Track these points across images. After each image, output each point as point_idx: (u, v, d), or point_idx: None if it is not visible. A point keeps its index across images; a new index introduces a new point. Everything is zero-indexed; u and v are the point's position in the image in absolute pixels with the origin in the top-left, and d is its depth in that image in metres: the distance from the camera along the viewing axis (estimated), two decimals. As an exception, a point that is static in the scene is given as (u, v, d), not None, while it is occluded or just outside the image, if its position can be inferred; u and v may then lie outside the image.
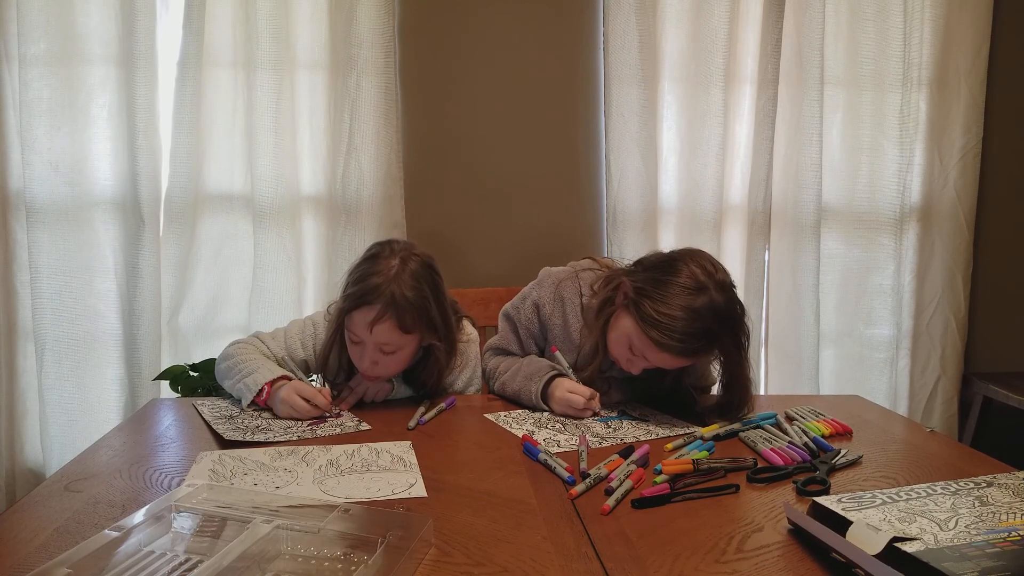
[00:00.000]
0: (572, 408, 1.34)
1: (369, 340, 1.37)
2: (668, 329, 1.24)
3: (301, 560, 0.79)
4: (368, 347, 1.38)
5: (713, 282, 1.27)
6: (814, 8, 2.18)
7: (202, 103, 2.05)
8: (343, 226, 2.15)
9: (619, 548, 0.83)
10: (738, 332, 1.31)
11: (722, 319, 1.27)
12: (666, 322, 1.24)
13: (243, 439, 1.17)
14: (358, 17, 2.08)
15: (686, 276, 1.27)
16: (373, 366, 1.40)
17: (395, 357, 1.40)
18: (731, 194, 2.28)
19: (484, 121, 2.26)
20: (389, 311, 1.35)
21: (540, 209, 2.30)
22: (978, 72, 2.28)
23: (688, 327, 1.24)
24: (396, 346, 1.38)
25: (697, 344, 1.26)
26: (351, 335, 1.40)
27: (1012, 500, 0.87)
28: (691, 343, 1.25)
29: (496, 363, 1.54)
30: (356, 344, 1.40)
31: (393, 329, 1.36)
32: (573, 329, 1.48)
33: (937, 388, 2.37)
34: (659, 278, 1.29)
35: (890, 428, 1.32)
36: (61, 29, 1.97)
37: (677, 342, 1.24)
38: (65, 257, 2.02)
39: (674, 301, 1.25)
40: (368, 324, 1.35)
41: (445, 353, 1.46)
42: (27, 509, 0.90)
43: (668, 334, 1.24)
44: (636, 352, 1.32)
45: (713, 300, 1.25)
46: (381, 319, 1.34)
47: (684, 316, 1.24)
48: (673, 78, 2.22)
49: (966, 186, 2.31)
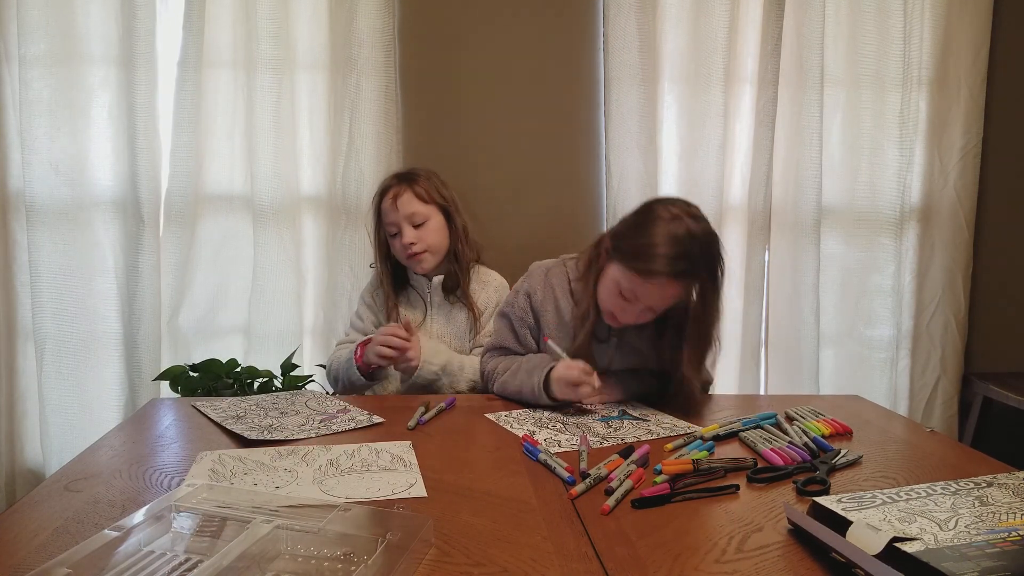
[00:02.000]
0: (571, 382, 1.33)
1: (399, 218, 1.67)
2: (650, 256, 1.31)
3: (301, 560, 0.78)
4: (402, 225, 1.67)
5: (688, 213, 1.35)
6: (814, 8, 2.18)
7: (202, 103, 2.05)
8: (343, 226, 2.15)
9: (619, 548, 0.83)
10: (716, 263, 1.36)
11: (701, 244, 1.33)
12: (648, 250, 1.31)
13: (261, 438, 1.17)
14: (358, 17, 2.08)
15: (661, 212, 1.35)
16: (412, 245, 1.66)
17: (428, 228, 1.68)
18: (731, 194, 2.28)
19: (484, 121, 2.26)
20: (403, 182, 1.71)
21: (540, 209, 2.30)
22: (978, 72, 2.28)
23: (669, 251, 1.30)
24: (423, 216, 1.68)
25: (681, 265, 1.31)
26: (387, 228, 1.70)
27: (1012, 500, 0.87)
28: (675, 265, 1.30)
29: (495, 364, 1.54)
30: (394, 237, 1.70)
31: (412, 198, 1.68)
32: (565, 313, 1.50)
33: (937, 388, 2.37)
34: (636, 222, 1.39)
35: (890, 428, 1.32)
36: (61, 29, 1.97)
37: (661, 265, 1.30)
38: (65, 257, 2.02)
39: (653, 231, 1.33)
40: (391, 200, 1.68)
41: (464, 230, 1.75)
42: (27, 509, 0.90)
43: (651, 260, 1.31)
44: (626, 295, 1.36)
45: (690, 227, 1.33)
46: (400, 193, 1.68)
47: (664, 241, 1.31)
48: (673, 78, 2.22)
49: (966, 186, 2.31)
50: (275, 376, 1.97)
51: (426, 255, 1.69)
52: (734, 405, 1.47)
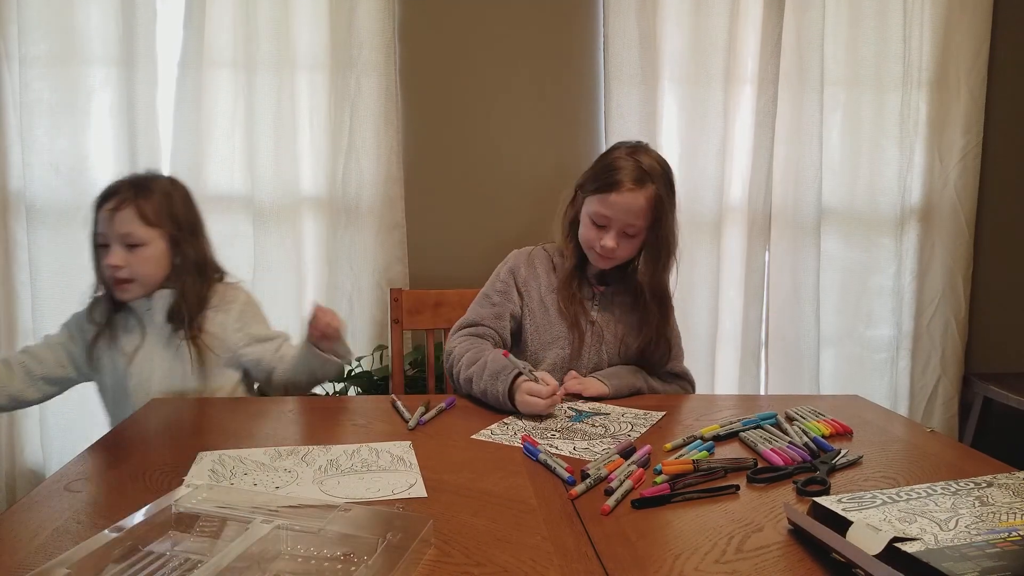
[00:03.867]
0: (535, 410, 1.32)
1: (112, 233, 1.38)
2: (611, 172, 1.46)
3: (301, 560, 0.78)
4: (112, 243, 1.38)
5: (637, 144, 1.53)
6: (814, 8, 2.18)
7: (202, 103, 2.05)
8: (343, 226, 2.15)
9: (619, 548, 0.82)
10: (670, 178, 1.51)
11: (654, 159, 1.49)
12: (608, 169, 1.48)
13: None
14: (358, 17, 2.08)
15: (617, 144, 1.56)
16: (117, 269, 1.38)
17: (142, 254, 1.40)
18: (731, 195, 2.28)
19: (484, 121, 2.26)
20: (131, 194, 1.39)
21: (540, 209, 2.29)
22: (978, 72, 2.28)
23: (626, 164, 1.46)
24: (139, 239, 1.39)
25: (638, 173, 1.45)
26: (98, 237, 1.42)
27: (1012, 500, 0.87)
28: (635, 173, 1.45)
29: (461, 351, 1.49)
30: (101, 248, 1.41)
31: (133, 217, 1.38)
32: (551, 286, 1.57)
33: (937, 388, 2.37)
34: (597, 161, 1.55)
35: (890, 428, 1.32)
36: (61, 29, 1.97)
37: (624, 175, 1.45)
38: (65, 257, 2.02)
39: (611, 156, 1.51)
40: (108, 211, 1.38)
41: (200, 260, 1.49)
42: (27, 509, 0.90)
43: (612, 174, 1.46)
44: (599, 220, 1.48)
45: (642, 146, 1.52)
46: (121, 206, 1.38)
47: (621, 157, 1.48)
48: (673, 78, 2.22)
49: (966, 186, 2.31)
50: (275, 376, 1.97)
51: (132, 285, 1.43)
52: (734, 405, 1.47)
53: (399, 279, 2.20)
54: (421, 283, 2.24)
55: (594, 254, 1.52)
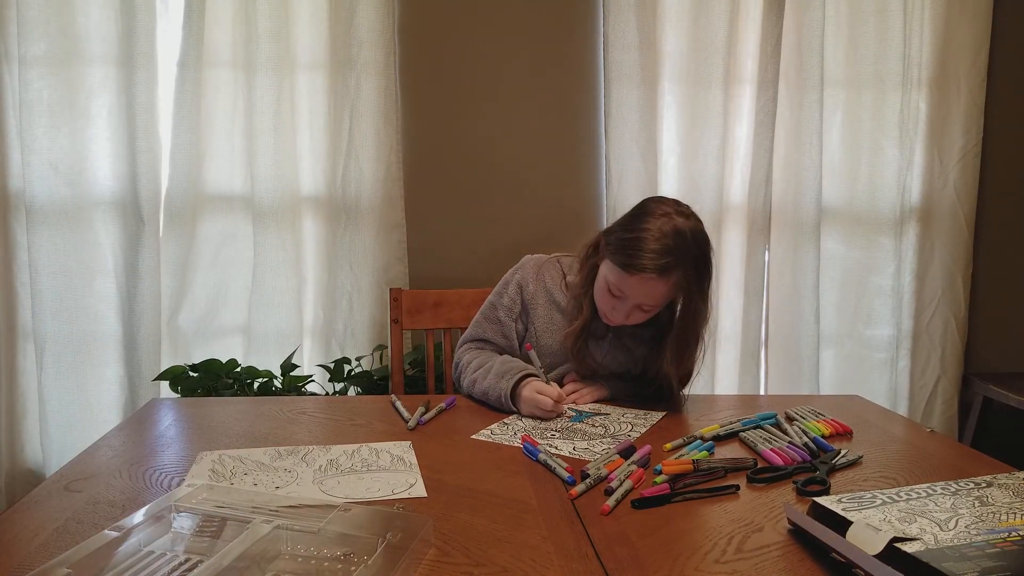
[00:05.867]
0: (539, 409, 1.31)
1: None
2: (636, 250, 1.31)
3: (301, 560, 0.78)
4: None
5: (677, 211, 1.36)
6: (814, 8, 2.18)
7: (202, 103, 2.05)
8: (343, 226, 2.15)
9: (619, 548, 0.82)
10: (703, 262, 1.36)
11: (687, 241, 1.33)
12: (634, 245, 1.32)
13: None
14: (358, 17, 2.08)
15: (652, 208, 1.37)
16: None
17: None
18: (731, 194, 2.28)
19: (484, 121, 2.26)
20: None
21: (540, 209, 2.30)
22: (978, 72, 2.28)
23: (654, 246, 1.31)
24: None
25: (664, 261, 1.31)
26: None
27: (1012, 500, 0.87)
28: (658, 260, 1.30)
29: (469, 358, 1.49)
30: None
31: None
32: (559, 304, 1.50)
33: (937, 388, 2.37)
34: (628, 218, 1.40)
35: (890, 428, 1.32)
36: (61, 29, 1.97)
37: (645, 260, 1.30)
38: (65, 257, 2.02)
39: (641, 227, 1.34)
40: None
41: None
42: (27, 509, 0.90)
43: (636, 255, 1.31)
44: (615, 291, 1.37)
45: (677, 223, 1.34)
46: None
47: (650, 237, 1.32)
48: (673, 78, 2.22)
49: (966, 186, 2.31)
50: (275, 376, 1.97)
51: None
52: (734, 405, 1.47)
53: (399, 279, 2.20)
54: (421, 283, 2.24)
55: (603, 314, 1.43)
